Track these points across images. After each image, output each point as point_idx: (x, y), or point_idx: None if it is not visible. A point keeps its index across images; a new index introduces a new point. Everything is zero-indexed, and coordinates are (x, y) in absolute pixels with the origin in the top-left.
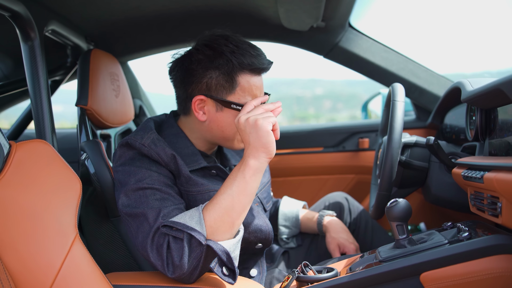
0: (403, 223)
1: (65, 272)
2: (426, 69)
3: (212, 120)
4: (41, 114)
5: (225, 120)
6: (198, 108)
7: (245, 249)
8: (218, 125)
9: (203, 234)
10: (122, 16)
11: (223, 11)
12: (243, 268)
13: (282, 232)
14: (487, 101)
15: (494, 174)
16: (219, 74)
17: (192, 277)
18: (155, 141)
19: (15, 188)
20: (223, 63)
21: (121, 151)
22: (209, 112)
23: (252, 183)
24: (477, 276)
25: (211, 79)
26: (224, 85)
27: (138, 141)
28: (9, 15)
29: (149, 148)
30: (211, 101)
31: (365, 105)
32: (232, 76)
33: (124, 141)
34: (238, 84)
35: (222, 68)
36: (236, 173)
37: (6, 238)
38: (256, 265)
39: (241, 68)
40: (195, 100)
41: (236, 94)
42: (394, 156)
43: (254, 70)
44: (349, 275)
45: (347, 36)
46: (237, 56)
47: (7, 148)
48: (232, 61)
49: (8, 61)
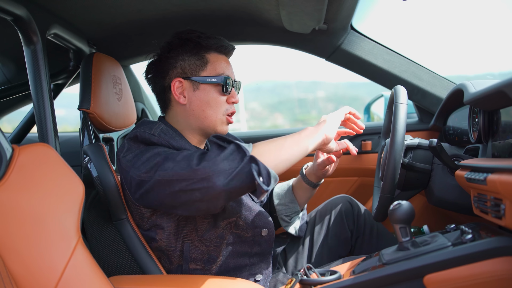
0: (406, 226)
1: (68, 276)
2: (429, 71)
3: (192, 101)
4: (44, 118)
5: (204, 97)
6: (178, 92)
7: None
8: (198, 104)
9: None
10: (124, 20)
11: (225, 14)
12: (250, 275)
13: (279, 211)
14: (489, 103)
15: (497, 176)
16: (190, 56)
17: (220, 179)
18: (164, 130)
19: (18, 191)
20: (192, 45)
21: (129, 143)
22: (188, 93)
23: (305, 140)
24: (481, 278)
25: (184, 61)
26: (196, 63)
27: (148, 132)
28: (11, 19)
29: (159, 137)
30: (187, 82)
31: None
32: (201, 55)
33: (133, 134)
34: (208, 60)
35: (191, 50)
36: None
37: (9, 242)
38: (263, 270)
39: (207, 47)
40: (173, 83)
41: (208, 70)
42: (397, 158)
43: (219, 48)
44: (352, 278)
45: (349, 38)
46: (203, 39)
47: (10, 151)
48: (199, 43)
49: (10, 65)
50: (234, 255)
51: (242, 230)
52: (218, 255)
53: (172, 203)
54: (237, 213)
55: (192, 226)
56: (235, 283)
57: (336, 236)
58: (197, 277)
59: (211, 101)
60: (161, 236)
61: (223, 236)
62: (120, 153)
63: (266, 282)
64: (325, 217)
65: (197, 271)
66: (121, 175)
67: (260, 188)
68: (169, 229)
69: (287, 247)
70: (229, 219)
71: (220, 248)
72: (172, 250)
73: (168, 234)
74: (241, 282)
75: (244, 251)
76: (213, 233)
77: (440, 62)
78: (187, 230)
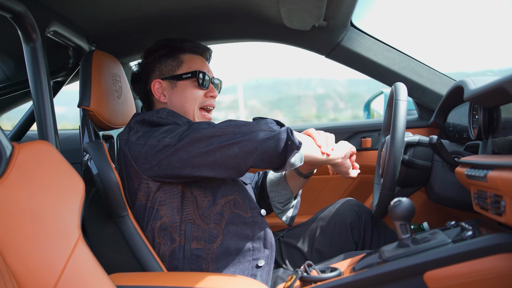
0: (406, 223)
1: (68, 273)
2: (429, 68)
3: (171, 98)
4: (44, 115)
5: (181, 93)
6: (158, 92)
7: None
8: (177, 101)
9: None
10: (123, 17)
11: (224, 11)
12: (253, 259)
13: (272, 198)
14: (490, 99)
15: (497, 172)
16: (166, 58)
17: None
18: (171, 113)
19: (18, 189)
20: (167, 49)
21: (136, 125)
22: (167, 92)
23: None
24: (481, 275)
25: (161, 64)
26: (172, 64)
27: (155, 115)
28: (10, 16)
29: (167, 119)
30: (166, 82)
31: (367, 105)
32: (176, 56)
33: (140, 118)
34: (183, 60)
35: (167, 53)
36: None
37: (9, 240)
38: (265, 257)
39: (182, 49)
40: (153, 84)
41: (183, 68)
42: (397, 155)
43: (193, 49)
44: (352, 275)
45: (349, 35)
46: (177, 42)
47: (10, 149)
48: (174, 46)
49: (10, 62)
50: (235, 236)
51: (241, 210)
52: (218, 233)
53: (202, 161)
54: (235, 191)
55: (193, 204)
56: (235, 279)
57: (339, 249)
58: (197, 274)
59: (188, 95)
60: (165, 212)
61: (223, 213)
62: (124, 135)
63: (269, 272)
64: (329, 226)
65: (198, 250)
66: (129, 152)
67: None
68: (173, 204)
69: (287, 243)
70: (228, 197)
71: (220, 226)
72: (176, 227)
73: (172, 209)
74: (240, 279)
75: (246, 234)
76: (212, 210)
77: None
78: (189, 208)
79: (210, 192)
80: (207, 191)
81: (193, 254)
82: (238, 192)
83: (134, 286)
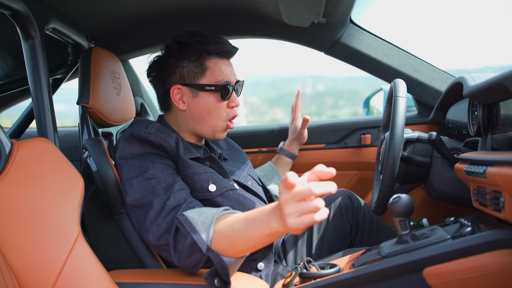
0: (405, 219)
1: (68, 270)
2: (428, 65)
3: (191, 107)
4: (43, 113)
5: (203, 104)
6: (177, 98)
7: None
8: (198, 111)
9: (207, 243)
10: (122, 14)
11: (223, 8)
12: (251, 260)
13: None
14: (489, 96)
15: (496, 169)
16: (189, 62)
17: (194, 269)
18: (160, 128)
19: (17, 186)
20: (191, 52)
21: (123, 144)
22: (187, 100)
23: (264, 240)
24: (480, 271)
25: (183, 68)
26: (195, 70)
27: (143, 131)
28: (9, 13)
29: (155, 136)
30: (186, 89)
31: (367, 101)
32: (201, 62)
33: (127, 134)
34: (207, 67)
35: (191, 56)
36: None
37: (9, 237)
38: (264, 259)
39: (208, 53)
40: (172, 90)
41: (207, 77)
42: (396, 152)
43: (220, 53)
44: (352, 271)
45: (348, 32)
46: (203, 44)
47: (9, 146)
48: (199, 49)
49: (9, 59)
50: None
51: None
52: None
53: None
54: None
55: None
56: (235, 276)
57: (335, 230)
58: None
59: (211, 108)
60: None
61: None
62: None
63: (268, 274)
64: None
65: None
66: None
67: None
68: None
69: (286, 240)
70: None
71: None
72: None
73: None
74: (241, 275)
75: None
76: None
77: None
78: None
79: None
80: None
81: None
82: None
83: (134, 283)
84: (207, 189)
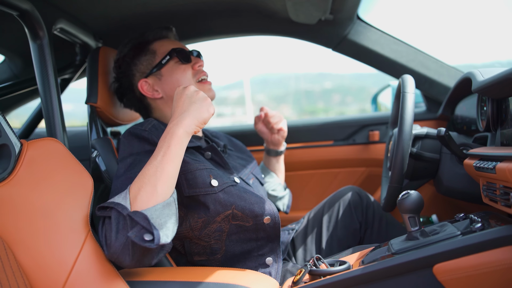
0: (415, 215)
1: (78, 269)
2: (436, 60)
3: (165, 89)
4: (52, 113)
5: (170, 79)
6: (149, 91)
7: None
8: (171, 87)
9: (126, 206)
10: (129, 13)
11: (231, 6)
12: (259, 255)
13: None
14: (498, 91)
15: (506, 164)
16: (139, 57)
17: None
18: (156, 126)
19: (27, 186)
20: (134, 49)
21: (122, 142)
22: (158, 86)
23: (177, 150)
24: (491, 267)
25: (136, 65)
26: (146, 58)
27: (139, 128)
28: (17, 14)
29: (149, 132)
30: (151, 78)
31: (375, 98)
32: (146, 48)
33: (127, 132)
34: (154, 50)
35: (136, 52)
36: (162, 143)
37: (19, 237)
38: (272, 253)
39: (147, 41)
40: (140, 87)
41: (159, 56)
42: (405, 148)
43: (157, 36)
44: (361, 268)
45: (355, 28)
46: (139, 38)
47: (19, 146)
48: (138, 42)
49: (17, 60)
50: (238, 242)
51: (242, 221)
52: (220, 246)
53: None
54: (231, 204)
55: (187, 225)
56: (244, 273)
57: (345, 228)
58: (206, 269)
59: (179, 77)
60: None
61: (222, 229)
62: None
63: (278, 270)
64: (334, 208)
65: (202, 261)
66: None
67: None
68: None
69: (295, 238)
70: (225, 213)
71: (221, 240)
72: (175, 244)
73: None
74: (250, 273)
75: (249, 237)
76: (210, 229)
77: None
78: (183, 229)
79: (203, 212)
80: (199, 212)
81: (197, 264)
82: (235, 204)
83: (144, 281)
84: (209, 184)
